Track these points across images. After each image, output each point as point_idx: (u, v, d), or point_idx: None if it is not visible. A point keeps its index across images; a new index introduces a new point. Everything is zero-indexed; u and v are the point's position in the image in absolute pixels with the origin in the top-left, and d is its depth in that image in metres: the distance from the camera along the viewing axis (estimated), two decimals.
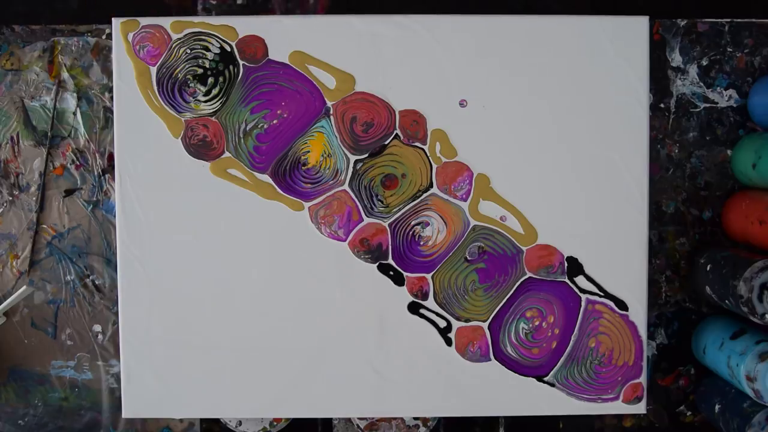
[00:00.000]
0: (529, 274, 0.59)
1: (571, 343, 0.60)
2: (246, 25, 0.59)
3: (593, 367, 0.60)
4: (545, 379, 0.60)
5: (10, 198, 0.68)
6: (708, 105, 0.67)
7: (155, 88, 0.59)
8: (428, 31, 0.59)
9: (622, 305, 0.60)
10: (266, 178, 0.59)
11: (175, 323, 0.60)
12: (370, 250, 0.59)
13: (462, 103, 0.59)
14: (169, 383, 0.60)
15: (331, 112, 0.59)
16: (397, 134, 0.59)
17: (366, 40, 0.59)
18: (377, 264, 0.59)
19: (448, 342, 0.60)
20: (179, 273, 0.59)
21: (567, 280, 0.59)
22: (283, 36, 0.59)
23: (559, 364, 0.60)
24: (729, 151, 0.67)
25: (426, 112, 0.59)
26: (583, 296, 0.60)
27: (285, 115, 0.59)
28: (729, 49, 0.66)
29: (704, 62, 0.66)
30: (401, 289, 0.60)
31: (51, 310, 0.68)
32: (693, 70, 0.66)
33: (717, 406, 0.65)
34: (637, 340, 0.60)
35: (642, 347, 0.60)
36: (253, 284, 0.59)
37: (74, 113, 0.67)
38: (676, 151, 0.67)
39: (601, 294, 0.59)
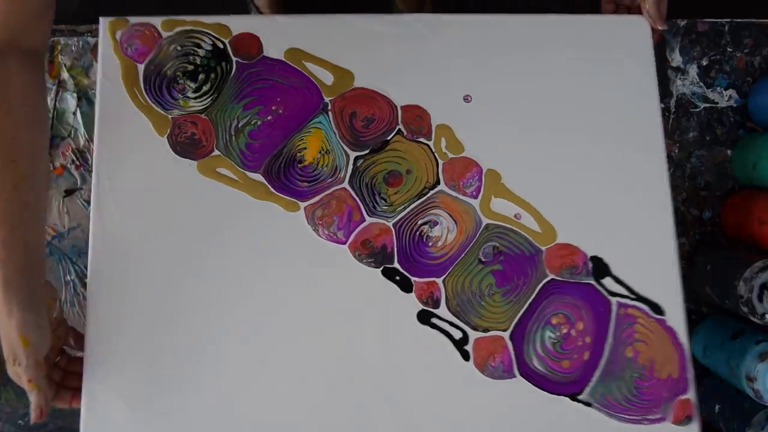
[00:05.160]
0: (551, 276, 0.53)
1: (606, 353, 0.52)
2: (240, 24, 0.57)
3: (634, 381, 0.52)
4: (580, 397, 0.52)
5: None
6: (708, 105, 0.66)
7: (142, 85, 0.55)
8: (430, 29, 0.57)
9: (656, 309, 0.53)
10: (258, 177, 0.54)
11: (152, 343, 0.52)
12: (373, 253, 0.53)
13: (466, 99, 0.56)
14: (140, 413, 0.51)
15: (329, 108, 0.55)
16: (399, 129, 0.55)
17: (364, 37, 0.57)
18: (381, 268, 0.53)
19: (465, 356, 0.52)
20: (158, 284, 0.52)
21: (594, 282, 0.53)
22: (279, 34, 0.57)
23: (594, 378, 0.52)
24: (729, 151, 0.66)
25: (429, 108, 0.56)
26: (613, 299, 0.53)
27: (280, 111, 0.55)
28: (729, 49, 0.65)
29: (704, 62, 0.65)
30: (409, 296, 0.53)
31: None
32: (693, 70, 0.65)
33: (717, 406, 0.65)
34: (678, 348, 0.53)
35: (685, 356, 0.52)
36: (241, 296, 0.52)
37: (74, 113, 0.66)
38: (676, 151, 0.66)
39: (633, 297, 0.53)
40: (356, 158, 0.55)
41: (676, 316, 0.53)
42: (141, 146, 0.54)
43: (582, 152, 0.55)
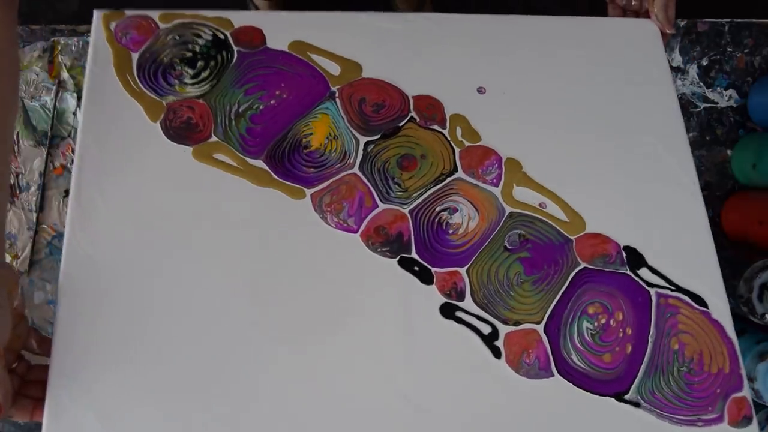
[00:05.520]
0: (583, 264, 0.49)
1: (650, 345, 0.47)
2: (242, 18, 0.55)
3: (683, 376, 0.46)
4: (627, 396, 0.45)
5: (10, 198, 0.66)
6: (708, 105, 0.66)
7: (135, 72, 0.51)
8: (436, 25, 0.56)
9: (699, 301, 0.49)
10: (260, 163, 0.50)
11: (135, 349, 0.44)
12: (388, 241, 0.48)
13: (480, 90, 0.54)
14: (112, 428, 0.42)
15: (337, 95, 0.52)
16: (412, 117, 0.52)
17: (371, 32, 0.55)
18: (398, 258, 0.48)
19: (497, 353, 0.46)
20: (144, 282, 0.45)
21: (629, 272, 0.49)
22: (282, 28, 0.54)
23: (640, 373, 0.46)
24: (729, 151, 0.66)
25: (442, 99, 0.53)
26: (652, 290, 0.49)
27: (284, 96, 0.52)
28: (729, 49, 0.66)
29: (704, 62, 0.65)
30: (430, 288, 0.47)
31: (51, 310, 0.65)
32: (693, 70, 0.65)
33: None
34: (727, 342, 0.48)
35: (736, 351, 0.47)
36: (241, 292, 0.46)
37: (74, 113, 0.66)
38: None
39: (672, 288, 0.49)
40: (367, 143, 0.51)
41: (720, 309, 0.48)
42: (130, 132, 0.49)
43: (602, 144, 0.53)
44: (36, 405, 0.42)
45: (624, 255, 0.49)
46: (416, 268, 0.48)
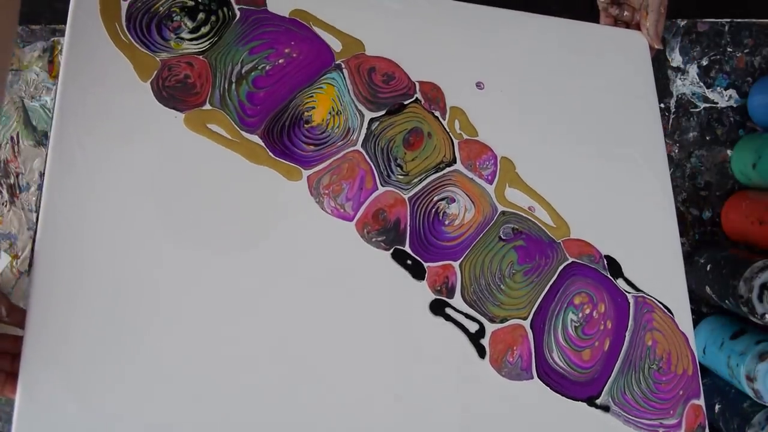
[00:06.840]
0: (572, 259, 0.50)
1: (627, 339, 0.49)
2: None
3: (652, 375, 0.49)
4: (598, 401, 0.48)
5: (10, 198, 0.67)
6: (708, 105, 0.66)
7: (123, 22, 0.47)
8: (440, 11, 0.54)
9: (668, 311, 0.51)
10: (256, 139, 0.47)
11: (114, 326, 0.42)
12: (385, 229, 0.47)
13: (479, 85, 0.53)
14: (91, 407, 0.41)
15: (343, 66, 0.50)
16: (417, 98, 0.51)
17: (373, 9, 0.53)
18: (392, 250, 0.47)
19: (481, 352, 0.47)
20: (125, 254, 0.43)
21: (611, 278, 0.51)
22: None
23: (614, 371, 0.49)
24: (729, 151, 0.66)
25: (442, 88, 0.52)
26: (629, 295, 0.51)
27: (294, 55, 0.49)
28: (729, 49, 0.66)
29: (704, 62, 0.66)
30: (421, 285, 0.47)
31: None
32: (693, 70, 0.66)
33: (717, 406, 0.64)
34: (690, 351, 0.51)
35: (696, 361, 0.51)
36: (222, 278, 0.44)
37: None
38: (676, 151, 0.65)
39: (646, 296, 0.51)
40: (371, 120, 0.49)
41: (684, 322, 0.51)
42: (115, 92, 0.45)
43: (588, 152, 0.54)
44: (6, 379, 0.41)
45: (605, 263, 0.51)
46: (409, 262, 0.47)
